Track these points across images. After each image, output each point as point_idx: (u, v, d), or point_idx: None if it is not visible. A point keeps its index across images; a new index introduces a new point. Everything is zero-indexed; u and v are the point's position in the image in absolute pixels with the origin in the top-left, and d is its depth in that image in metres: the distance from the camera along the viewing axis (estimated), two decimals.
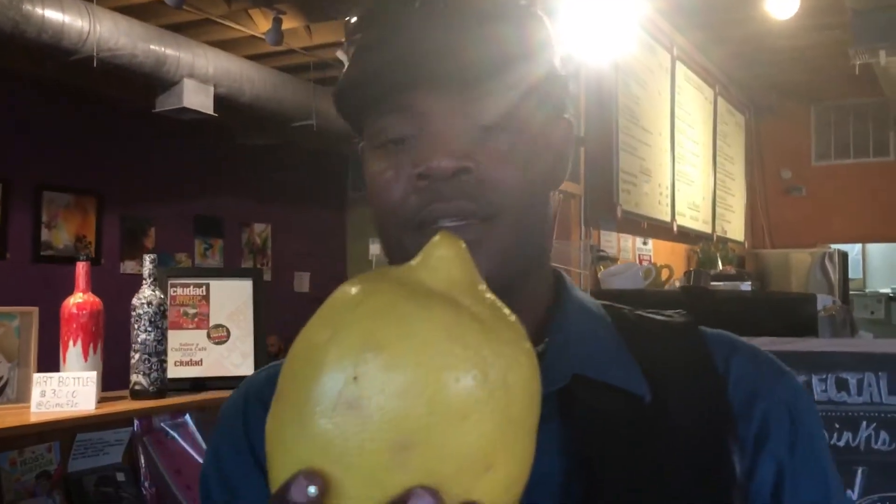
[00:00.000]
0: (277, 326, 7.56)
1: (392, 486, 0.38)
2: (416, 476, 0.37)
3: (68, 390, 1.95)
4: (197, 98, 5.24)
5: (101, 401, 2.07)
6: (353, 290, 0.42)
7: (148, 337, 2.09)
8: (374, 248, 2.32)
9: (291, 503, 0.38)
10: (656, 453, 0.62)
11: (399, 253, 0.64)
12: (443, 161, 0.60)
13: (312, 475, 0.38)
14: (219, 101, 5.49)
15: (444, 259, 0.43)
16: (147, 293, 2.11)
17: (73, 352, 2.03)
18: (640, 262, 5.03)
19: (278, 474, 0.40)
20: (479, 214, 0.62)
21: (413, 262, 0.44)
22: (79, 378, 1.96)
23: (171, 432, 2.33)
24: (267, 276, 8.12)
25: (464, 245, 0.44)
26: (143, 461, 2.24)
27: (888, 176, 7.25)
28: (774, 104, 7.56)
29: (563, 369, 0.64)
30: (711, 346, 0.69)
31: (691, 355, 0.69)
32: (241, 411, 0.72)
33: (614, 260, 4.59)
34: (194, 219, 7.43)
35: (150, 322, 2.10)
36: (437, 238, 0.44)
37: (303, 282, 8.58)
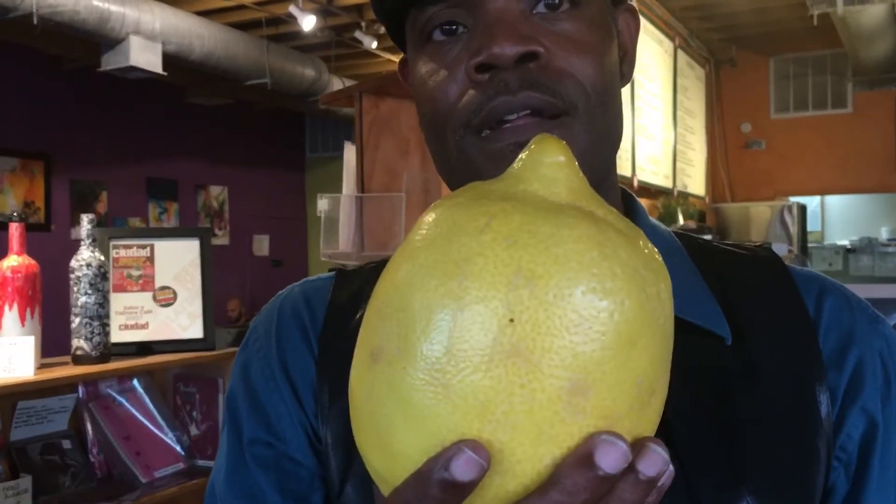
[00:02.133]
0: (238, 290, 7.51)
1: (567, 437, 0.32)
2: (591, 421, 0.32)
3: (4, 355, 1.86)
4: (144, 56, 5.07)
5: (42, 367, 1.99)
6: (462, 214, 0.34)
7: (88, 300, 2.01)
8: (322, 204, 2.25)
9: (455, 483, 0.31)
10: (736, 399, 0.56)
11: (459, 163, 0.56)
12: (506, 46, 0.52)
13: (477, 445, 0.31)
14: (168, 59, 5.32)
15: (557, 165, 0.36)
16: (86, 255, 2.02)
17: (8, 316, 1.94)
18: None
19: (409, 453, 0.33)
20: (549, 110, 0.54)
21: (515, 172, 0.37)
22: (15, 343, 1.88)
23: (119, 398, 2.26)
24: (225, 240, 8.00)
25: (567, 147, 0.37)
26: (89, 428, 2.18)
27: (846, 128, 7.30)
28: (734, 57, 7.55)
29: None
30: (800, 286, 0.62)
31: (779, 295, 0.62)
32: (275, 328, 0.66)
33: None
34: (147, 182, 7.27)
35: (91, 284, 2.01)
36: (538, 142, 0.37)
37: (262, 245, 8.48)
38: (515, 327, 0.32)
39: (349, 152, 2.32)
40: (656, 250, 0.36)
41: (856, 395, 0.59)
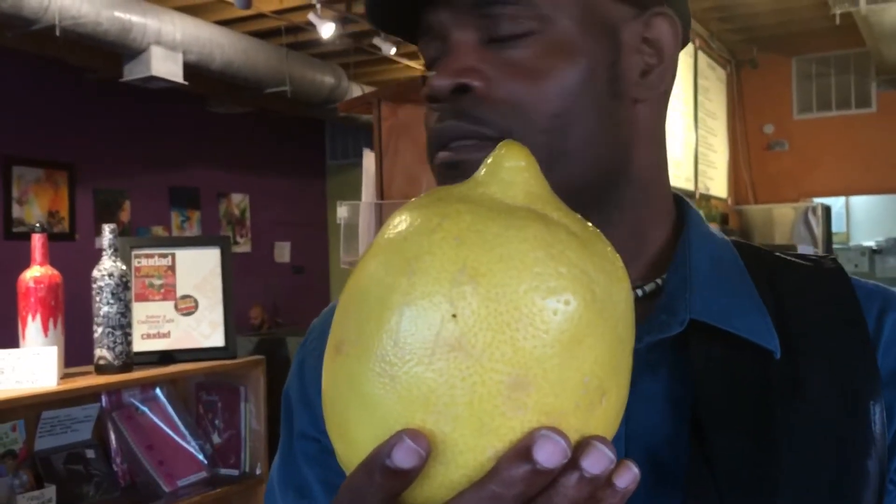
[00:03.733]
0: (259, 298, 7.54)
1: (508, 431, 0.33)
2: (533, 416, 0.33)
3: (28, 366, 1.87)
4: (165, 66, 5.11)
5: (65, 377, 2.00)
6: (419, 215, 0.36)
7: (110, 309, 2.02)
8: (342, 212, 2.25)
9: (396, 470, 0.33)
10: (778, 415, 0.55)
11: (439, 184, 0.59)
12: (440, 79, 0.55)
13: (416, 434, 0.33)
14: (188, 68, 5.36)
15: (516, 170, 0.38)
16: (107, 264, 2.03)
17: (32, 327, 1.95)
18: None
19: (362, 440, 0.35)
20: (481, 137, 0.55)
21: (479, 177, 0.38)
22: (38, 353, 1.89)
23: (142, 407, 2.27)
24: (246, 248, 8.04)
25: (530, 153, 0.39)
26: (113, 437, 2.19)
27: (871, 127, 7.21)
28: (755, 58, 7.48)
29: (680, 313, 0.56)
30: (862, 300, 0.60)
31: (836, 308, 0.60)
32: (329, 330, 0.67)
33: None
34: (170, 191, 7.32)
35: (113, 294, 2.02)
36: (502, 148, 0.39)
37: (283, 252, 8.51)
38: (458, 322, 0.33)
39: (368, 159, 2.31)
40: (617, 255, 0.37)
41: None
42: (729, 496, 0.52)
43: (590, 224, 0.38)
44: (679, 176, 5.92)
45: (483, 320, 0.33)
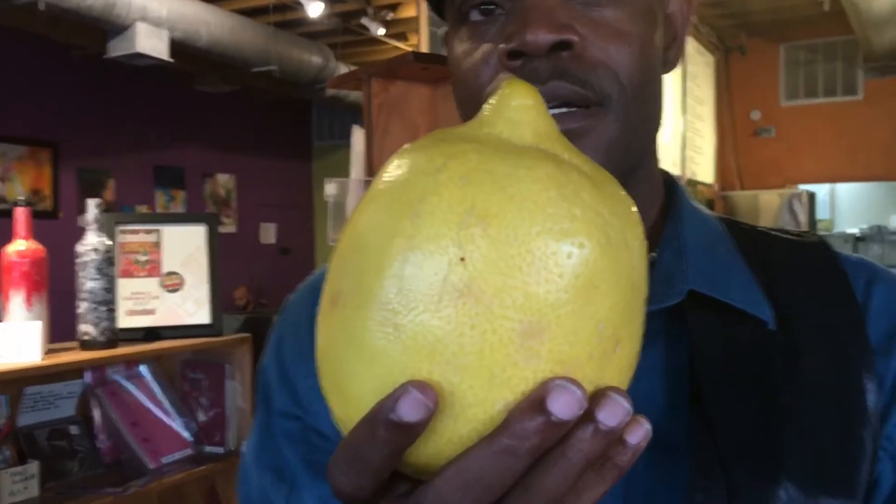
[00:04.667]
0: (245, 278, 7.51)
1: (520, 381, 0.31)
2: (546, 366, 0.31)
3: (11, 341, 1.85)
4: (150, 43, 5.05)
5: (49, 352, 1.98)
6: (421, 156, 0.33)
7: (95, 285, 2.00)
8: (330, 189, 2.23)
9: (402, 424, 0.31)
10: (778, 385, 0.55)
11: None
12: (539, 34, 0.50)
13: (423, 386, 0.31)
14: (174, 46, 5.30)
15: (523, 109, 0.35)
16: (92, 239, 2.01)
17: (15, 301, 1.93)
18: None
19: (362, 395, 0.32)
20: (579, 101, 0.52)
21: (483, 116, 0.36)
22: (22, 328, 1.87)
23: (126, 384, 2.26)
24: (232, 228, 8.00)
25: (537, 92, 0.36)
26: (97, 414, 2.17)
27: (857, 115, 7.24)
28: (744, 44, 7.49)
29: (677, 284, 0.56)
30: (849, 272, 0.61)
31: (825, 280, 0.60)
32: (307, 304, 0.66)
33: None
34: (154, 170, 7.26)
35: (97, 269, 2.00)
36: (506, 86, 0.36)
37: (269, 233, 8.47)
38: (466, 266, 0.31)
39: (357, 136, 2.29)
40: (630, 199, 0.35)
41: None
42: (732, 464, 0.52)
43: (599, 167, 0.36)
44: (666, 160, 5.93)
45: (493, 264, 0.31)
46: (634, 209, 0.35)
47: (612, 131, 0.53)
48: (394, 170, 0.34)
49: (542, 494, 0.32)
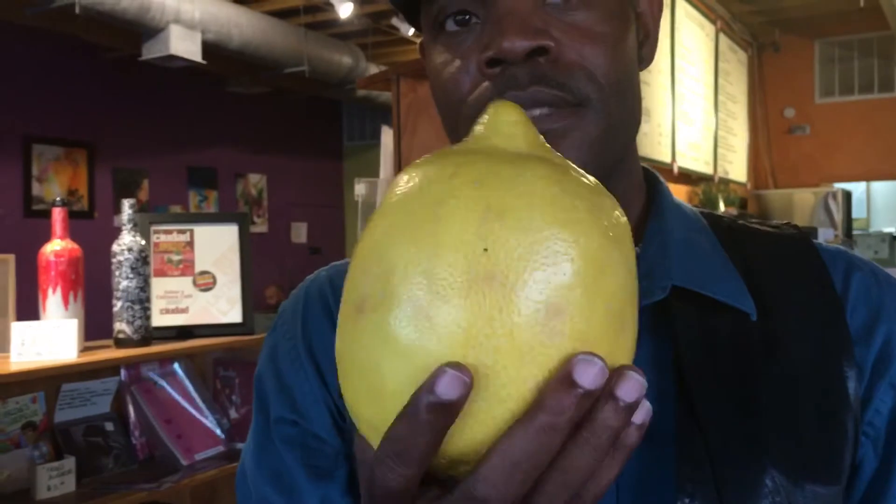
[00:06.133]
0: (275, 277, 7.58)
1: (547, 359, 0.34)
2: (569, 343, 0.34)
3: (48, 339, 1.89)
4: (184, 45, 5.12)
5: (84, 350, 2.02)
6: (431, 168, 0.37)
7: (130, 284, 2.03)
8: (360, 189, 2.25)
9: (442, 403, 0.32)
10: (760, 374, 0.56)
11: None
12: (515, 41, 0.51)
13: (457, 365, 0.33)
14: (207, 47, 5.37)
15: (515, 124, 0.40)
16: (127, 239, 2.04)
17: (52, 300, 1.97)
18: None
19: (401, 390, 0.34)
20: (561, 104, 0.53)
21: (477, 133, 0.40)
22: (59, 326, 1.90)
23: (160, 381, 2.29)
24: (263, 228, 8.07)
25: (522, 110, 0.40)
26: (131, 411, 2.21)
27: (894, 112, 7.12)
28: (777, 40, 7.39)
29: (660, 280, 0.57)
30: (827, 262, 0.62)
31: (804, 271, 0.62)
32: (301, 311, 0.67)
33: None
34: (188, 170, 7.35)
35: (132, 269, 2.03)
36: (495, 106, 0.40)
37: (300, 232, 8.54)
38: (489, 255, 0.34)
39: (387, 136, 2.30)
40: (610, 196, 0.39)
41: (884, 369, 0.58)
42: (719, 454, 0.53)
43: (581, 169, 0.39)
44: (698, 159, 5.87)
45: (514, 251, 0.34)
46: (614, 200, 0.39)
47: (592, 130, 0.55)
48: (405, 183, 0.37)
49: (576, 472, 0.35)
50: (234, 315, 2.32)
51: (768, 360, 0.57)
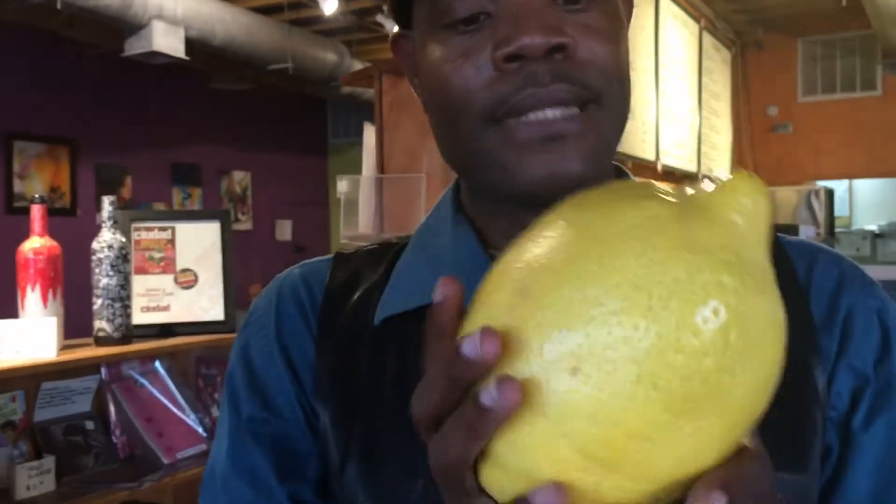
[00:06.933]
0: (259, 275, 7.54)
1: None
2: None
3: (27, 337, 1.87)
4: (166, 41, 5.09)
5: (64, 348, 2.00)
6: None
7: (110, 281, 2.02)
8: (342, 186, 2.24)
9: None
10: None
11: (475, 152, 0.56)
12: (536, 37, 0.52)
13: None
14: (190, 44, 5.34)
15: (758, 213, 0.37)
16: (107, 236, 2.02)
17: (31, 298, 1.95)
18: None
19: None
20: (576, 101, 0.54)
21: (713, 200, 0.37)
22: (38, 324, 1.89)
23: (141, 379, 2.28)
24: (248, 225, 8.04)
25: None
26: (112, 409, 2.19)
27: (876, 111, 7.17)
28: (760, 39, 7.43)
29: None
30: (792, 255, 0.63)
31: None
32: (274, 310, 0.66)
33: None
34: (171, 167, 7.31)
35: (112, 266, 2.02)
36: (739, 177, 0.38)
37: (284, 230, 8.51)
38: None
39: (369, 133, 2.30)
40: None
41: (845, 349, 0.59)
42: None
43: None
44: (682, 157, 5.89)
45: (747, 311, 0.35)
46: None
47: (608, 131, 0.56)
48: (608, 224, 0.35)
49: None
50: (216, 313, 2.31)
51: None
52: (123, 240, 2.06)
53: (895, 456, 0.59)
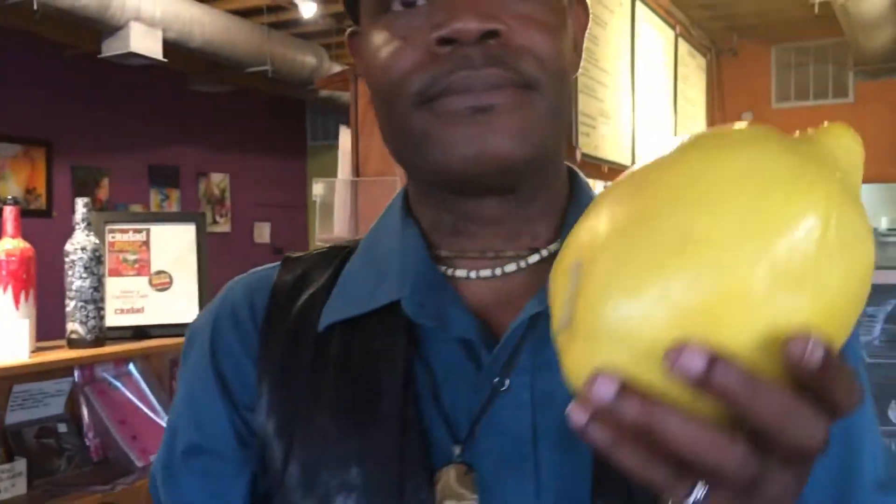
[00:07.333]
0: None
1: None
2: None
3: None
4: (144, 43, 5.07)
5: (37, 350, 2.00)
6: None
7: (83, 283, 2.02)
8: (318, 189, 2.25)
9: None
10: None
11: (408, 131, 0.57)
12: (469, 22, 0.53)
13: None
14: (168, 45, 5.32)
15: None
16: (80, 238, 2.02)
17: (3, 300, 1.95)
18: None
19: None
20: (512, 85, 0.55)
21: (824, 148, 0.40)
22: (9, 326, 1.89)
23: (115, 382, 2.27)
24: (226, 227, 8.01)
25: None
26: (85, 412, 2.19)
27: (848, 118, 7.12)
28: (735, 46, 7.52)
29: None
30: None
31: None
32: (209, 335, 0.66)
33: None
34: (149, 169, 7.27)
35: (85, 268, 2.02)
36: (840, 126, 0.42)
37: (263, 232, 8.49)
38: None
39: (344, 137, 2.31)
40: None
41: None
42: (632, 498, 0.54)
43: None
44: None
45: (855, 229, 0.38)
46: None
47: (540, 110, 0.56)
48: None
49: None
50: (191, 315, 2.30)
51: None
52: (97, 241, 2.06)
53: (853, 458, 0.60)
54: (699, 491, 0.36)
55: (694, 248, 0.35)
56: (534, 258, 0.61)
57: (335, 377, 0.61)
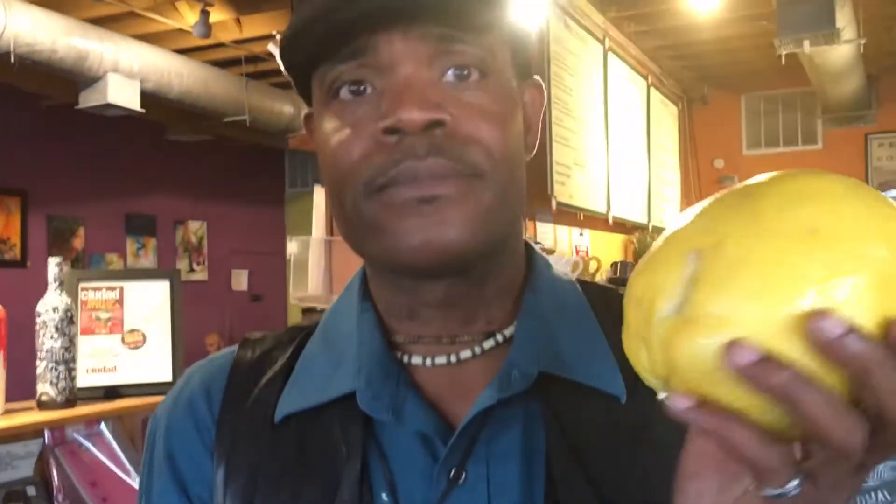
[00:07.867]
0: (216, 326, 7.47)
1: None
2: None
3: None
4: (122, 94, 5.09)
5: (6, 412, 1.98)
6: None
7: (55, 344, 2.00)
8: (292, 247, 2.26)
9: None
10: (630, 463, 0.56)
11: (358, 220, 0.57)
12: (413, 112, 0.53)
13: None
14: (146, 96, 5.34)
15: None
16: (52, 298, 2.02)
17: None
18: (577, 253, 5.06)
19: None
20: (456, 174, 0.55)
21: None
22: None
23: (86, 443, 2.24)
24: (203, 275, 7.97)
25: None
26: (55, 474, 2.16)
27: (817, 164, 7.40)
28: (706, 95, 7.68)
29: (529, 367, 0.58)
30: None
31: None
32: (164, 430, 0.67)
33: (550, 252, 4.60)
34: (125, 218, 7.25)
35: (57, 329, 2.01)
36: None
37: (240, 280, 8.45)
38: None
39: (319, 194, 2.33)
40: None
41: None
42: None
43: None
44: (633, 209, 6.03)
45: None
46: None
47: (486, 199, 0.56)
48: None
49: None
50: (164, 374, 2.30)
51: (638, 448, 0.57)
52: (69, 301, 2.05)
53: None
54: (795, 481, 0.39)
55: (826, 236, 0.38)
56: (489, 343, 0.62)
57: (292, 468, 0.61)
